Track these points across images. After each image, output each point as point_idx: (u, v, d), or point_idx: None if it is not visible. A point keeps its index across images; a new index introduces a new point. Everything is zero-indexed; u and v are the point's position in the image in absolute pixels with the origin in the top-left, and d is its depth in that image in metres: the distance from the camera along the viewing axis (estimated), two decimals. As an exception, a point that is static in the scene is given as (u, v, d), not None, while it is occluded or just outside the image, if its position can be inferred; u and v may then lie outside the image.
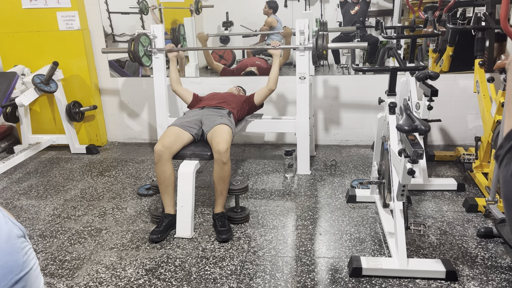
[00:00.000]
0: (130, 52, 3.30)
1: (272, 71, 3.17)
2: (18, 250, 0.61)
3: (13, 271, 0.60)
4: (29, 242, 0.66)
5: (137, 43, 3.27)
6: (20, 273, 0.60)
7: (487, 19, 3.11)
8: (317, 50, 3.07)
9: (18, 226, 0.64)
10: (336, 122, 4.08)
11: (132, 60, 3.34)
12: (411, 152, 1.89)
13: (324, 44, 3.07)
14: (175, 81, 3.28)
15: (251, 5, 4.45)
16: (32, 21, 3.95)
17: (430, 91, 2.72)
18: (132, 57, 3.31)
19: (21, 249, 0.62)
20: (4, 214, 0.64)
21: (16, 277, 0.60)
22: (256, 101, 3.18)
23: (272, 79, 3.16)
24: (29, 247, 0.65)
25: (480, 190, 2.97)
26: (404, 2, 3.88)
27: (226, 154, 2.51)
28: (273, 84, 3.16)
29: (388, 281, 2.07)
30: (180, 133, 2.65)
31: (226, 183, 2.58)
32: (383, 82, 2.66)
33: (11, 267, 0.59)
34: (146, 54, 3.40)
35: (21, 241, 0.63)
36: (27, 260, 0.63)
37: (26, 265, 0.62)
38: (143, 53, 3.35)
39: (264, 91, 3.18)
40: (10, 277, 0.59)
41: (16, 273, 0.60)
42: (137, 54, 3.29)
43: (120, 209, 2.95)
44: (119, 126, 4.44)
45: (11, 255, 0.60)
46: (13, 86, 3.54)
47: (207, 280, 2.15)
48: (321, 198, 2.99)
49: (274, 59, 3.19)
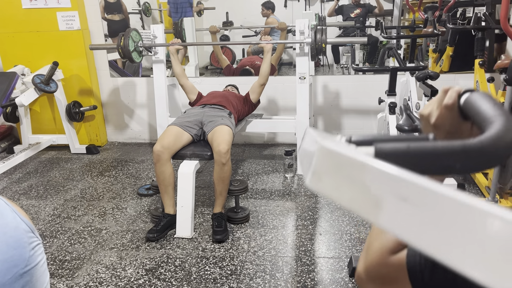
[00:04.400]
0: (119, 47, 3.20)
1: (263, 65, 3.13)
2: (25, 245, 0.62)
3: (18, 265, 0.60)
4: (38, 238, 0.66)
5: (127, 37, 3.19)
6: (25, 267, 0.61)
7: (487, 19, 3.11)
8: (316, 44, 3.04)
9: (25, 221, 0.65)
10: (336, 122, 4.08)
11: (121, 55, 3.23)
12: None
13: (323, 37, 3.03)
14: (181, 75, 3.21)
15: (251, 5, 4.45)
16: (32, 21, 3.95)
17: (430, 91, 2.72)
18: (121, 52, 3.21)
19: (28, 244, 0.63)
20: (13, 209, 0.65)
21: (21, 271, 0.60)
22: (253, 99, 3.17)
23: (263, 73, 3.13)
24: (37, 242, 0.65)
25: (480, 190, 2.97)
26: (404, 2, 3.88)
27: (227, 155, 2.51)
28: (264, 78, 3.13)
29: (388, 281, 2.07)
30: (179, 133, 2.64)
31: (225, 184, 2.58)
32: (383, 82, 2.66)
33: (16, 261, 0.60)
34: (136, 50, 3.31)
35: (28, 236, 0.64)
36: (33, 255, 0.63)
37: (32, 259, 0.63)
38: (133, 48, 3.26)
39: (256, 87, 3.16)
40: (15, 270, 0.59)
41: (21, 267, 0.60)
42: (127, 49, 3.18)
43: (120, 209, 2.95)
44: (119, 126, 4.44)
45: (16, 249, 0.60)
46: (13, 86, 3.54)
47: (207, 280, 2.15)
48: (321, 198, 2.99)
49: (265, 54, 3.14)
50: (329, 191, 0.40)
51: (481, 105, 0.55)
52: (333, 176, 0.39)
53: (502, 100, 2.67)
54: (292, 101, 3.97)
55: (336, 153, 0.39)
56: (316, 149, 0.41)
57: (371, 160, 0.37)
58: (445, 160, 0.45)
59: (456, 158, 0.45)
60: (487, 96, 0.56)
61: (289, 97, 3.96)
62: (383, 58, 3.11)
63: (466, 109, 0.60)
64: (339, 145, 0.40)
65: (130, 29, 3.27)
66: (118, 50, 3.22)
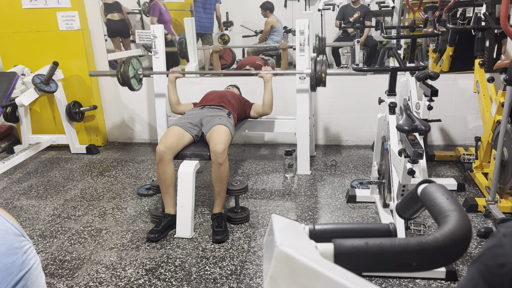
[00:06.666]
0: (119, 73, 3.17)
1: (266, 96, 3.05)
2: (16, 251, 0.61)
3: (13, 272, 0.59)
4: (29, 241, 0.65)
5: (128, 64, 3.17)
6: (19, 273, 0.60)
7: (487, 19, 3.11)
8: (316, 74, 3.02)
9: (14, 225, 0.64)
10: (336, 122, 4.08)
11: (120, 81, 3.20)
12: (411, 152, 1.89)
13: (323, 68, 3.01)
14: (176, 103, 3.13)
15: (250, 5, 4.45)
16: (32, 21, 3.95)
17: (430, 91, 2.72)
18: (120, 78, 3.17)
19: (19, 249, 0.62)
20: (1, 214, 0.63)
21: (16, 277, 0.59)
22: (251, 115, 3.15)
23: (267, 104, 3.05)
24: (28, 245, 0.64)
25: (480, 190, 2.97)
26: (404, 2, 3.88)
27: (223, 155, 2.50)
28: (269, 108, 3.06)
29: (388, 281, 2.07)
30: (181, 134, 2.64)
31: (223, 184, 2.57)
32: (383, 82, 2.66)
33: (10, 269, 0.59)
34: (135, 77, 3.28)
35: (19, 240, 0.62)
36: (26, 259, 0.62)
37: (25, 264, 0.61)
38: (132, 75, 3.22)
39: (259, 111, 3.11)
40: (10, 278, 0.58)
41: (15, 274, 0.59)
42: (127, 75, 3.15)
43: (120, 209, 2.95)
44: (119, 126, 4.44)
45: (9, 257, 0.59)
46: (13, 86, 3.54)
47: (207, 280, 2.15)
48: (321, 198, 2.99)
49: (266, 84, 3.05)
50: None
51: (436, 197, 0.56)
52: (289, 284, 0.41)
53: (502, 100, 2.67)
54: (292, 101, 3.96)
55: (292, 258, 0.41)
56: (274, 253, 0.42)
57: (325, 270, 0.38)
58: (402, 258, 0.46)
59: (412, 256, 0.46)
60: (443, 189, 0.57)
61: (289, 97, 3.96)
62: (383, 58, 3.11)
63: (422, 200, 0.60)
64: (297, 245, 0.41)
65: (130, 57, 3.24)
66: (118, 76, 3.19)
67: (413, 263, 0.47)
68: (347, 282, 0.37)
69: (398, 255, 0.47)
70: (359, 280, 0.37)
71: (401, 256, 0.47)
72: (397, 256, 0.47)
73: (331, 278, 0.37)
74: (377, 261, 0.47)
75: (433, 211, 0.56)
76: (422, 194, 0.61)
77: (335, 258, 0.47)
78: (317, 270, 0.38)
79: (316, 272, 0.38)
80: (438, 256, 0.46)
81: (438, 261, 0.47)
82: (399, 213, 0.72)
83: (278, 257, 0.41)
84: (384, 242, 0.47)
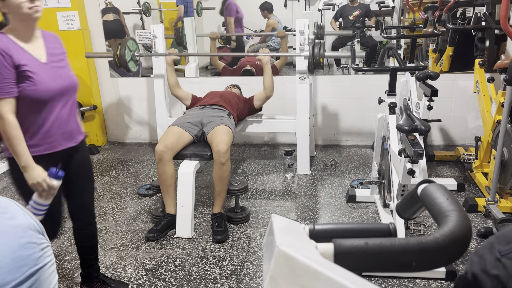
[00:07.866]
0: (116, 56, 3.19)
1: (266, 79, 3.14)
2: (35, 246, 0.64)
3: (28, 264, 0.62)
4: (47, 240, 0.69)
5: (124, 47, 3.19)
6: (34, 266, 0.62)
7: (487, 19, 3.11)
8: (314, 58, 3.05)
9: (36, 222, 0.67)
10: (336, 122, 4.08)
11: (118, 64, 3.23)
12: (411, 152, 1.89)
13: (320, 52, 3.04)
14: (174, 85, 3.18)
15: (250, 5, 4.44)
16: (32, 21, 3.95)
17: (430, 91, 2.72)
18: (118, 61, 3.21)
19: (37, 245, 0.65)
20: (25, 211, 0.67)
21: (31, 270, 0.62)
22: (256, 105, 3.19)
23: (268, 86, 3.14)
24: (46, 244, 0.68)
25: (480, 190, 2.97)
26: (404, 2, 3.88)
27: (226, 155, 2.51)
28: (270, 90, 3.15)
29: (388, 281, 2.07)
30: (181, 133, 2.65)
31: (224, 184, 2.58)
32: (383, 82, 2.66)
33: (25, 261, 0.61)
34: (133, 59, 3.30)
35: (39, 237, 0.66)
36: (42, 255, 0.65)
37: (41, 260, 0.64)
38: (129, 58, 3.25)
39: (262, 96, 3.17)
40: (24, 270, 0.61)
41: (30, 266, 0.62)
42: (124, 58, 3.19)
43: (120, 209, 2.95)
44: (119, 126, 4.44)
45: (27, 249, 0.62)
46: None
47: (207, 280, 2.15)
48: (321, 198, 2.99)
49: (265, 66, 3.13)
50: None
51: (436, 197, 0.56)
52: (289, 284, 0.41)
53: (502, 100, 2.67)
54: (292, 101, 3.96)
55: (292, 258, 0.41)
56: (274, 253, 0.42)
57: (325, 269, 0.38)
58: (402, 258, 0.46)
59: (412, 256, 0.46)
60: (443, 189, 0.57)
61: (289, 97, 3.96)
62: (383, 58, 3.11)
63: (422, 200, 0.60)
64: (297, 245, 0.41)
65: (127, 38, 3.27)
66: (115, 59, 3.22)
67: (413, 263, 0.47)
68: (347, 282, 0.37)
69: (398, 255, 0.47)
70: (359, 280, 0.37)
71: (401, 256, 0.47)
72: (397, 256, 0.47)
73: (331, 278, 0.37)
74: (377, 261, 0.47)
75: (433, 211, 0.56)
76: (422, 194, 0.61)
77: (335, 258, 0.47)
78: (317, 270, 0.38)
79: (316, 272, 0.38)
80: (438, 256, 0.46)
81: (438, 261, 0.47)
82: (399, 213, 0.72)
83: (278, 257, 0.41)
84: (384, 242, 0.47)
